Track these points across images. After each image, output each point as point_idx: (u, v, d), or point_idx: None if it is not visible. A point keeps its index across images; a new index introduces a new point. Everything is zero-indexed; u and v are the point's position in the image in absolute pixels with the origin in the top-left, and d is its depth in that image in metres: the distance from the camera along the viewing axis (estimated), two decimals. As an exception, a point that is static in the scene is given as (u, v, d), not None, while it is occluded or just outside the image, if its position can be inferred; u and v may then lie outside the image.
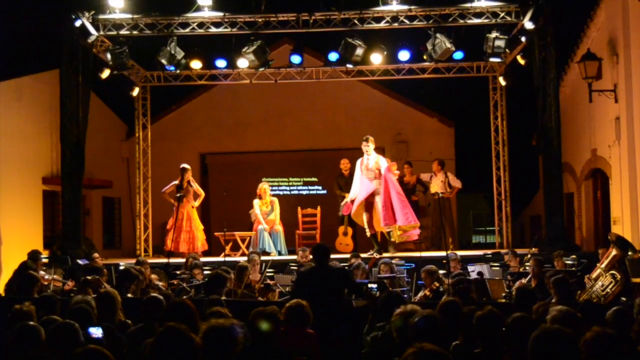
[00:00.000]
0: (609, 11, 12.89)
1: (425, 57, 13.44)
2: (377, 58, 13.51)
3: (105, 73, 13.61)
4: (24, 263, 10.10)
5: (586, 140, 14.28)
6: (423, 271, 9.38)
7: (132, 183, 16.78)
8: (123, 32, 13.03)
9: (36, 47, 14.69)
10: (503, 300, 8.90)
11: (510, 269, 10.71)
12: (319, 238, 14.09)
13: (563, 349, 3.65)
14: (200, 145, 18.37)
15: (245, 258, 11.00)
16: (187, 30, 13.01)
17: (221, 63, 14.21)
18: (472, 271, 10.19)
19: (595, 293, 8.53)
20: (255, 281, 9.84)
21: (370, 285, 7.97)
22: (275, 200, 13.66)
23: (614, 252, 8.81)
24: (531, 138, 16.84)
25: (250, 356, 4.49)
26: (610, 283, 8.51)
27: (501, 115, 15.67)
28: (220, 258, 12.25)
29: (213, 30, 13.00)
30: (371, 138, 12.23)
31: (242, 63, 13.48)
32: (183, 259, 11.57)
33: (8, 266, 11.80)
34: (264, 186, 13.69)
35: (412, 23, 12.70)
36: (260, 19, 12.89)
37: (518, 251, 11.70)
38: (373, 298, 6.96)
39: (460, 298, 6.15)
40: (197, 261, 10.69)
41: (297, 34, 13.87)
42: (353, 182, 12.40)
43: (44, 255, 11.76)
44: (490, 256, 12.12)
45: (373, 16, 12.71)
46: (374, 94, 18.22)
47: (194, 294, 9.10)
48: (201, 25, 12.96)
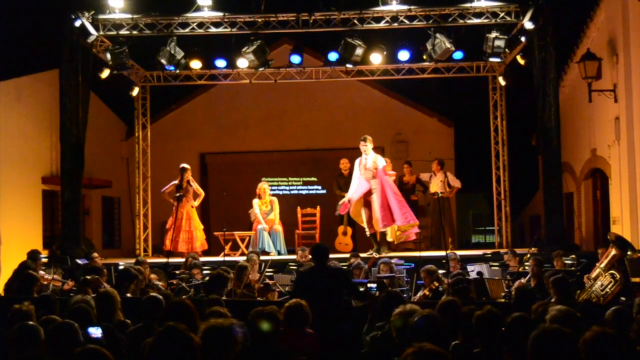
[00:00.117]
0: (609, 11, 12.89)
1: (425, 57, 13.43)
2: (377, 58, 13.51)
3: (105, 73, 13.61)
4: (24, 263, 10.10)
5: (586, 140, 14.28)
6: (422, 271, 9.38)
7: (132, 183, 16.77)
8: (123, 32, 13.03)
9: (36, 47, 14.70)
10: (502, 300, 8.91)
11: (509, 269, 10.70)
12: (319, 238, 14.09)
13: (562, 349, 3.65)
14: (199, 145, 18.37)
15: (244, 258, 11.00)
16: (187, 30, 13.01)
17: (221, 63, 14.21)
18: (472, 271, 10.19)
19: (594, 293, 8.53)
20: (254, 281, 9.85)
21: (369, 285, 7.96)
22: (274, 200, 13.65)
23: (614, 252, 8.81)
24: (531, 138, 16.86)
25: (249, 356, 4.48)
26: (609, 283, 8.51)
27: (501, 115, 15.67)
28: (219, 258, 12.25)
29: (213, 30, 13.01)
30: (369, 138, 12.22)
31: (242, 63, 13.48)
32: (182, 259, 11.57)
33: (7, 266, 11.79)
34: (264, 186, 13.68)
35: (412, 23, 12.70)
36: (260, 19, 12.90)
37: (517, 251, 11.69)
38: (373, 298, 6.95)
39: (459, 298, 6.14)
40: (197, 261, 10.69)
41: (297, 34, 13.86)
42: (352, 182, 12.41)
43: (44, 255, 11.77)
44: (489, 256, 12.13)
45: (373, 16, 12.72)
46: (374, 94, 18.22)
47: (194, 294, 9.10)
48: (201, 25, 12.97)
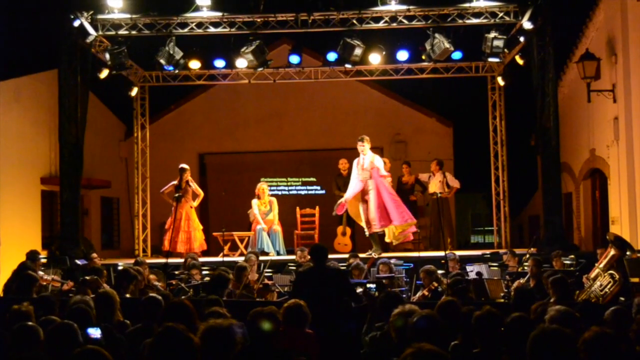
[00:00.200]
0: (608, 11, 12.90)
1: (423, 57, 13.43)
2: (376, 58, 13.50)
3: (103, 73, 13.60)
4: (23, 263, 10.09)
5: (585, 140, 14.28)
6: (422, 271, 9.37)
7: (131, 183, 16.76)
8: (122, 32, 13.02)
9: (35, 47, 14.70)
10: (501, 300, 8.90)
11: (508, 269, 10.69)
12: (318, 238, 14.09)
13: (562, 349, 3.65)
14: (199, 145, 18.37)
15: (243, 258, 10.98)
16: (186, 30, 13.01)
17: (220, 63, 14.20)
18: (471, 271, 10.18)
19: (593, 293, 8.53)
20: (253, 281, 9.84)
21: (368, 285, 7.96)
22: (273, 200, 13.65)
23: (613, 252, 8.81)
24: (530, 138, 16.87)
25: (249, 356, 4.48)
26: (608, 283, 8.51)
27: (500, 115, 15.67)
28: (218, 258, 12.25)
29: (212, 30, 13.00)
30: (366, 138, 12.20)
31: (241, 63, 13.47)
32: (181, 259, 11.56)
33: (6, 266, 11.77)
34: (263, 186, 13.68)
35: (411, 23, 12.70)
36: (258, 19, 12.89)
37: (517, 251, 11.69)
38: (372, 298, 6.95)
39: (458, 298, 6.14)
40: (195, 261, 10.68)
41: (296, 34, 13.87)
42: (350, 182, 12.41)
43: (43, 255, 11.74)
44: (488, 256, 12.11)
45: (372, 16, 12.71)
46: (373, 94, 18.22)
47: (193, 294, 9.10)
48: (200, 25, 12.96)
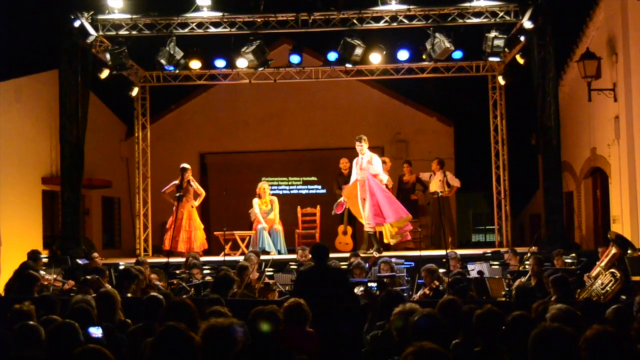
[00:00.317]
0: (608, 10, 12.88)
1: (424, 57, 13.43)
2: (376, 58, 13.49)
3: (104, 73, 13.61)
4: (25, 263, 10.09)
5: (585, 139, 14.27)
6: (423, 270, 9.37)
7: (132, 183, 16.77)
8: (122, 32, 13.03)
9: (35, 48, 14.69)
10: (503, 298, 8.90)
11: (509, 268, 10.70)
12: (319, 237, 14.10)
13: (563, 348, 3.65)
14: (199, 145, 18.37)
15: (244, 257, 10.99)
16: (186, 30, 13.01)
17: (220, 63, 14.20)
18: (472, 270, 10.19)
19: (595, 291, 8.53)
20: (254, 280, 9.83)
21: (370, 284, 7.96)
22: (274, 199, 13.64)
23: (614, 251, 8.82)
24: (530, 137, 16.85)
25: (250, 355, 4.48)
26: (610, 281, 8.52)
27: (500, 114, 15.67)
28: (220, 257, 12.25)
29: (212, 30, 13.00)
30: (364, 137, 12.21)
31: (241, 63, 13.47)
32: (183, 259, 11.57)
33: (8, 266, 11.79)
34: (264, 185, 13.67)
35: (411, 23, 12.70)
36: (259, 19, 12.89)
37: (518, 250, 11.69)
38: (373, 297, 6.94)
39: (459, 297, 6.14)
40: (197, 261, 10.68)
41: (296, 34, 13.88)
42: (350, 182, 12.41)
43: (44, 255, 11.75)
44: (490, 255, 12.12)
45: (372, 16, 12.71)
46: (373, 94, 18.22)
47: (194, 294, 9.10)
48: (200, 25, 12.96)
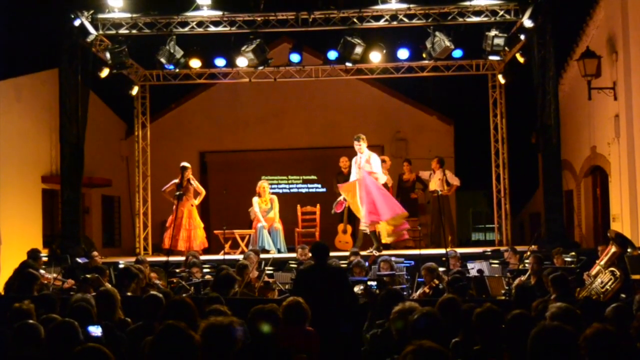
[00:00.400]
0: (608, 9, 12.88)
1: (424, 56, 13.41)
2: (376, 56, 13.48)
3: (104, 72, 13.61)
4: (25, 262, 10.09)
5: (585, 137, 14.27)
6: (423, 269, 9.36)
7: (132, 182, 16.78)
8: (122, 31, 13.03)
9: (35, 47, 14.68)
10: (502, 297, 8.90)
11: (509, 266, 10.69)
12: (319, 236, 14.10)
13: (563, 346, 3.65)
14: (199, 143, 18.36)
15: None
16: (186, 29, 13.01)
17: (220, 62, 14.20)
18: (472, 268, 10.18)
19: (594, 290, 8.53)
20: (254, 279, 9.83)
21: (369, 282, 7.96)
22: (274, 198, 13.64)
23: (614, 249, 8.82)
24: (530, 136, 16.84)
25: (249, 354, 4.48)
26: (609, 280, 8.52)
27: (500, 113, 15.67)
28: (219, 256, 12.24)
29: (212, 29, 13.00)
30: (362, 137, 12.18)
31: (241, 62, 13.47)
32: (182, 258, 11.57)
33: (7, 265, 11.79)
34: (264, 184, 13.67)
35: (411, 21, 12.69)
36: (259, 18, 12.89)
37: (518, 248, 11.68)
38: (373, 296, 6.95)
39: (459, 295, 6.14)
40: (196, 259, 10.68)
41: (296, 33, 13.87)
42: (350, 181, 12.40)
43: (44, 254, 11.75)
44: (489, 253, 12.10)
45: (372, 15, 12.71)
46: (373, 92, 18.21)
47: (194, 292, 9.10)
48: (200, 24, 12.96)
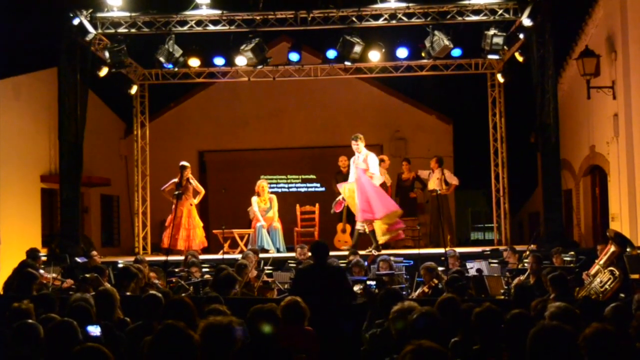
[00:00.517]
0: (607, 8, 12.88)
1: (423, 55, 13.42)
2: (375, 55, 13.47)
3: (103, 71, 13.60)
4: (24, 261, 10.07)
5: (584, 136, 14.27)
6: (422, 268, 9.35)
7: (131, 181, 16.77)
8: (121, 30, 13.02)
9: (34, 46, 14.67)
10: (502, 297, 8.90)
11: (508, 266, 10.69)
12: (318, 235, 14.09)
13: (562, 346, 3.65)
14: (198, 142, 18.36)
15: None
16: (185, 28, 13.00)
17: (219, 61, 14.18)
18: (471, 268, 10.18)
19: (593, 289, 8.53)
20: (253, 279, 9.83)
21: (368, 282, 7.95)
22: (273, 197, 13.64)
23: (613, 249, 8.82)
24: (529, 135, 16.85)
25: (249, 354, 4.48)
26: (608, 279, 8.52)
27: (499, 112, 15.67)
28: (218, 256, 12.24)
29: (211, 28, 12.99)
30: (360, 136, 12.15)
31: (240, 61, 13.48)
32: (182, 257, 11.56)
33: (6, 264, 11.77)
34: (263, 183, 13.67)
35: (410, 20, 12.69)
36: (258, 17, 12.88)
37: (517, 248, 11.67)
38: (372, 295, 6.94)
39: (458, 295, 6.14)
40: (195, 259, 10.67)
41: (295, 32, 13.86)
42: (349, 180, 12.40)
43: (43, 253, 11.74)
44: (488, 253, 12.10)
45: (371, 14, 12.71)
46: (372, 91, 18.21)
47: (193, 292, 9.09)
48: (199, 23, 12.96)
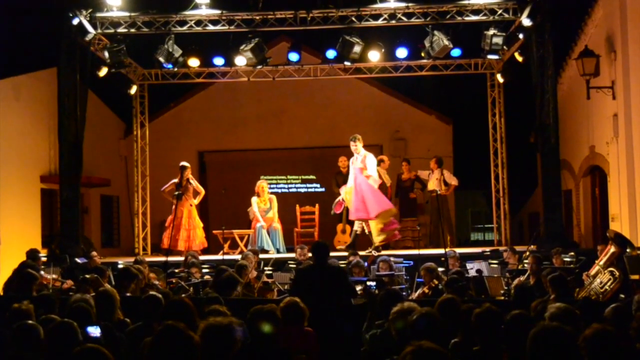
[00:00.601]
0: (607, 8, 12.88)
1: (423, 55, 13.43)
2: (375, 55, 13.48)
3: (103, 71, 13.60)
4: (24, 262, 10.07)
5: (584, 137, 14.27)
6: (422, 269, 9.34)
7: (131, 181, 16.77)
8: (121, 30, 13.02)
9: (34, 46, 14.68)
10: (502, 297, 8.90)
11: (508, 267, 10.68)
12: (318, 236, 14.10)
13: (562, 346, 3.65)
14: (198, 143, 18.35)
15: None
16: (185, 28, 13.00)
17: (219, 61, 14.18)
18: (471, 268, 10.18)
19: (593, 290, 8.53)
20: (253, 279, 9.83)
21: (368, 283, 7.95)
22: (273, 198, 13.63)
23: (613, 249, 8.81)
24: (529, 135, 16.85)
25: (249, 355, 4.48)
26: (608, 280, 8.51)
27: (499, 112, 15.67)
28: (219, 256, 12.24)
29: (211, 28, 12.99)
30: (358, 137, 12.12)
31: (240, 61, 13.48)
32: (181, 258, 11.55)
33: (6, 265, 11.77)
34: (262, 184, 13.66)
35: (410, 20, 12.69)
36: (257, 17, 12.88)
37: (517, 248, 11.67)
38: (372, 296, 6.94)
39: (458, 296, 6.13)
40: (195, 260, 10.67)
41: (295, 32, 13.87)
42: (348, 181, 12.40)
43: (43, 254, 11.74)
44: (488, 253, 12.11)
45: (370, 13, 12.71)
46: (372, 92, 18.21)
47: (193, 293, 9.09)
48: (199, 23, 12.95)
